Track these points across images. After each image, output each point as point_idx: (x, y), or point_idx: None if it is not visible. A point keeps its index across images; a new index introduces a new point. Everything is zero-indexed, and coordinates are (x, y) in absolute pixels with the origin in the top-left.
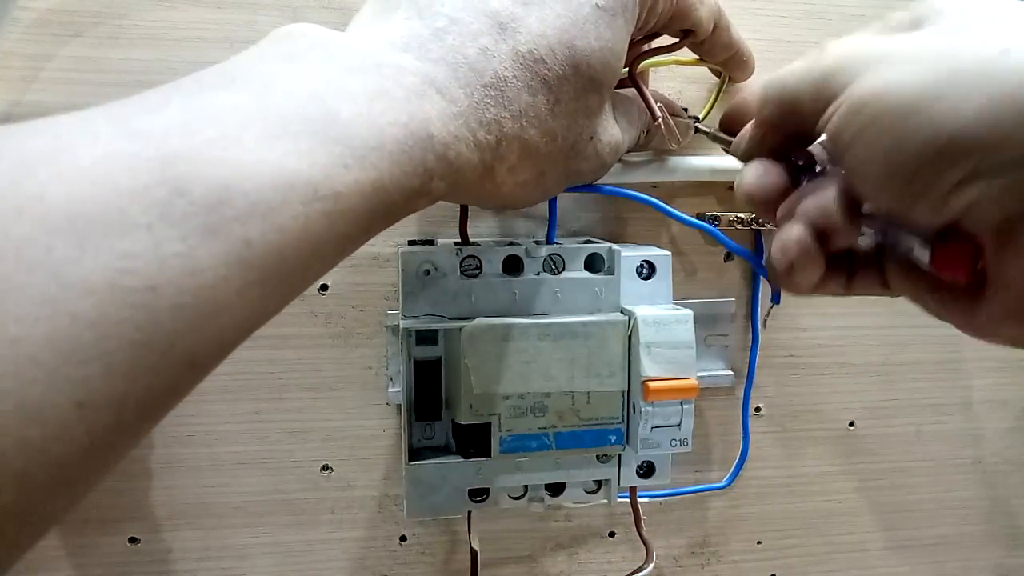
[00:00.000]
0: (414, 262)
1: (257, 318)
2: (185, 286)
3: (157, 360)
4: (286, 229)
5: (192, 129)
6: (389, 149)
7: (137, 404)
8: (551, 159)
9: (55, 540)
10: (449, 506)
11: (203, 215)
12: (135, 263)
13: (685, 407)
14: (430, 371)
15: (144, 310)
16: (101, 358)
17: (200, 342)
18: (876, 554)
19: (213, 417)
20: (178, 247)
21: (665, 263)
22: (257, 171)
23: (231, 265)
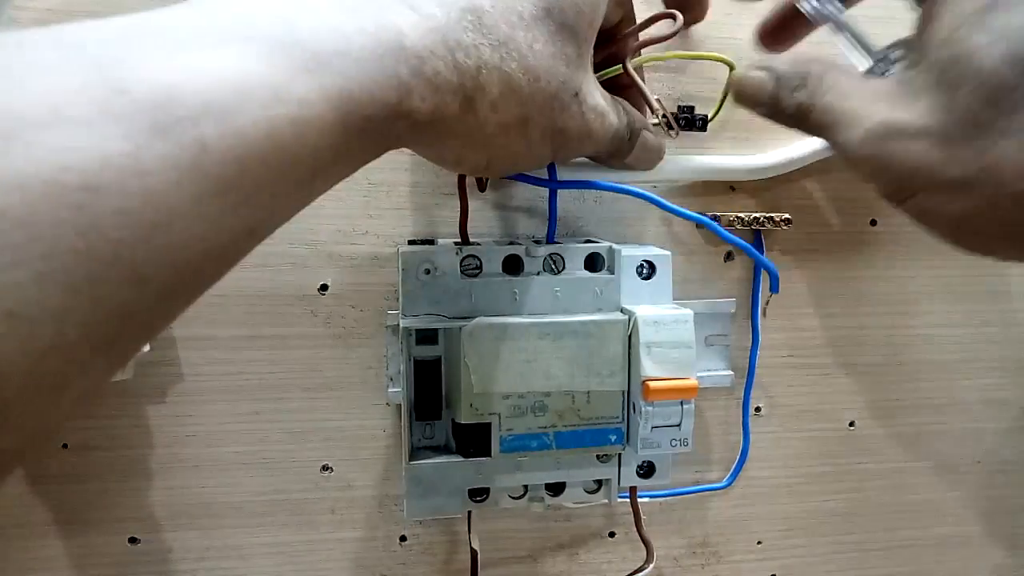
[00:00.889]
0: (414, 262)
1: (219, 238)
2: (131, 188)
3: (100, 271)
4: (246, 134)
5: (132, 37)
6: (356, 56)
7: (80, 322)
8: (534, 102)
9: (55, 540)
10: (449, 506)
11: (149, 112)
12: (72, 158)
13: (685, 407)
14: (430, 371)
15: (84, 212)
16: (33, 262)
17: (150, 255)
18: (876, 554)
19: (213, 417)
20: (122, 145)
21: (665, 263)
22: (208, 71)
23: (184, 169)
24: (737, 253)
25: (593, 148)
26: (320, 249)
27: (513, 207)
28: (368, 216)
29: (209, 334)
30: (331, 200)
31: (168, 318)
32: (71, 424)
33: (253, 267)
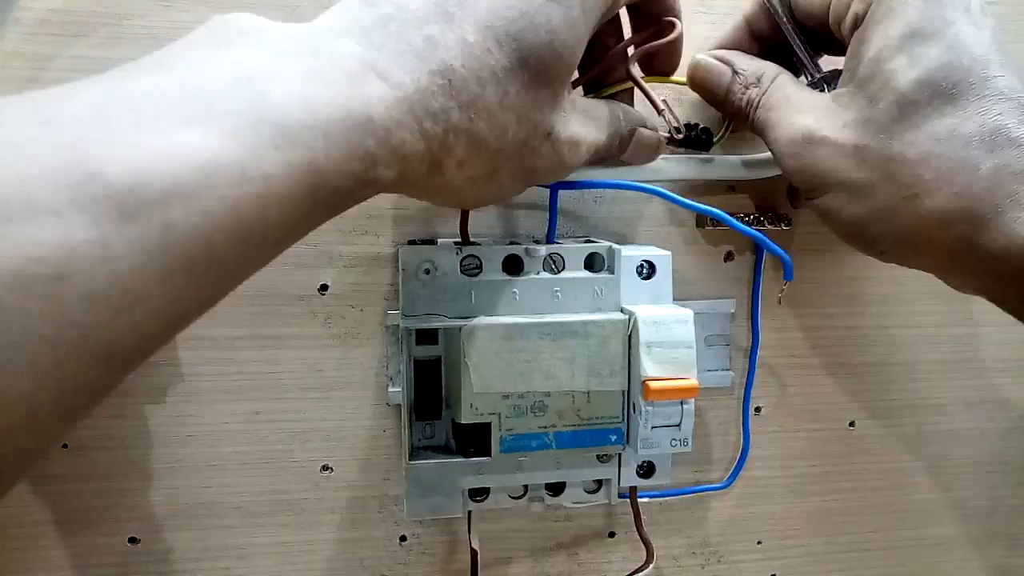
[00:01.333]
0: (414, 262)
1: (184, 309)
2: (96, 273)
3: (67, 353)
4: (212, 213)
5: (106, 114)
6: (324, 130)
7: (49, 401)
8: (504, 155)
9: (55, 540)
10: (449, 506)
11: (117, 198)
12: (42, 251)
13: (685, 407)
14: (430, 371)
15: (51, 301)
16: (3, 350)
17: (116, 335)
18: (876, 554)
19: (213, 417)
20: (89, 232)
21: (665, 263)
22: (177, 152)
23: (150, 252)
24: (737, 253)
25: (568, 172)
26: (320, 249)
27: (513, 207)
28: (368, 216)
29: (209, 334)
30: None
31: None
32: None
33: None
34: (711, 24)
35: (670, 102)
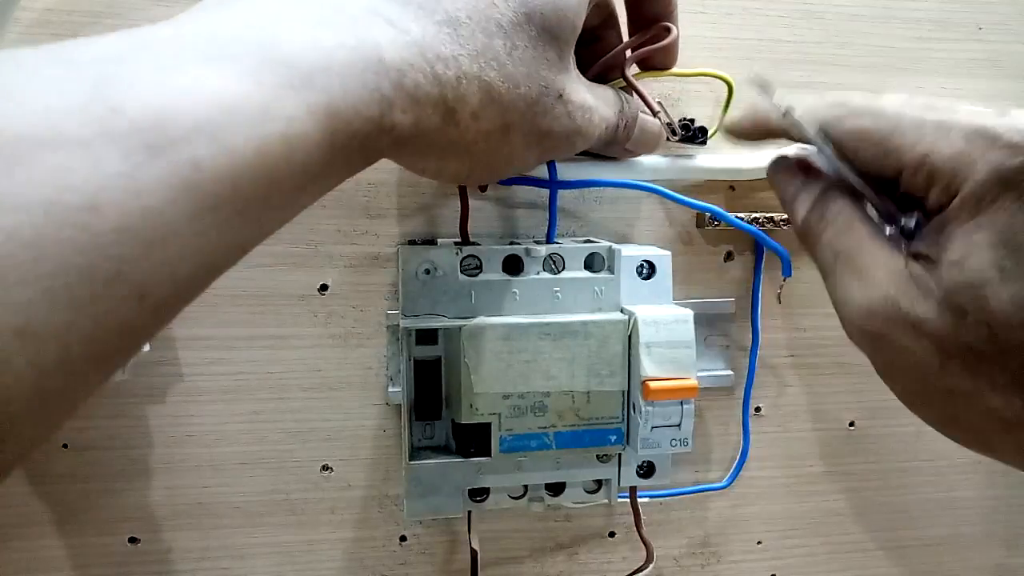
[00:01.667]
0: (414, 261)
1: (213, 251)
2: (129, 208)
3: (102, 289)
4: (237, 152)
5: (125, 56)
6: (338, 71)
7: (84, 338)
8: (516, 109)
9: (55, 540)
10: (449, 506)
11: (144, 133)
12: (73, 179)
13: (685, 407)
14: (430, 371)
15: (85, 231)
16: (40, 281)
17: (149, 272)
18: (876, 554)
19: (213, 417)
20: (120, 166)
21: (665, 263)
22: (199, 91)
23: (178, 188)
24: (737, 253)
25: (583, 144)
26: (320, 249)
27: (513, 207)
28: (368, 216)
29: (209, 334)
30: (331, 200)
31: (160, 327)
32: (71, 424)
33: (253, 267)
34: (711, 24)
35: (669, 100)
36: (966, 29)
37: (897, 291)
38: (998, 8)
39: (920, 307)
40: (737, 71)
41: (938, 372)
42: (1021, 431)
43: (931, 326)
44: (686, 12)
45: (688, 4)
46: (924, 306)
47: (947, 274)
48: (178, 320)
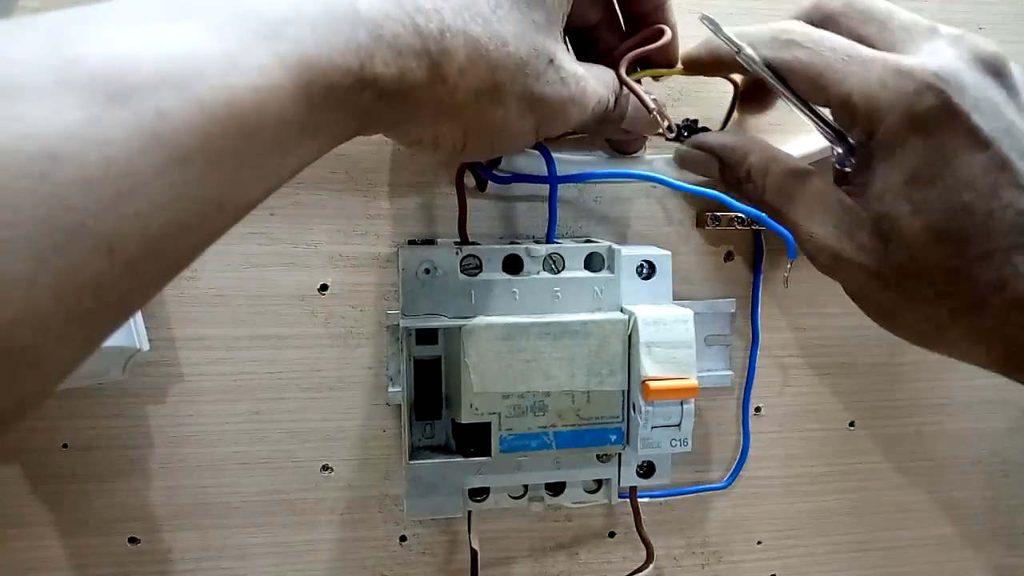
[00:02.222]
0: (414, 261)
1: (186, 207)
2: (91, 158)
3: (65, 240)
4: (205, 102)
5: (88, 16)
6: (309, 21)
7: (51, 293)
8: (505, 68)
9: (55, 540)
10: (449, 506)
11: (104, 81)
12: (29, 127)
13: (685, 407)
14: (430, 370)
15: (44, 180)
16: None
17: (117, 225)
18: (876, 554)
19: (213, 417)
20: (79, 114)
21: (665, 263)
22: (162, 43)
23: (144, 138)
24: (737, 253)
25: (579, 115)
26: (320, 249)
27: (513, 207)
28: (368, 216)
29: (209, 334)
30: (331, 200)
31: (143, 293)
32: (71, 424)
33: (253, 267)
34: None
35: (671, 101)
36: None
37: (838, 226)
38: (998, 8)
39: (855, 238)
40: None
41: (881, 289)
42: (950, 331)
43: (866, 254)
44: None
45: (688, 4)
46: (859, 235)
47: (872, 207)
48: (178, 320)
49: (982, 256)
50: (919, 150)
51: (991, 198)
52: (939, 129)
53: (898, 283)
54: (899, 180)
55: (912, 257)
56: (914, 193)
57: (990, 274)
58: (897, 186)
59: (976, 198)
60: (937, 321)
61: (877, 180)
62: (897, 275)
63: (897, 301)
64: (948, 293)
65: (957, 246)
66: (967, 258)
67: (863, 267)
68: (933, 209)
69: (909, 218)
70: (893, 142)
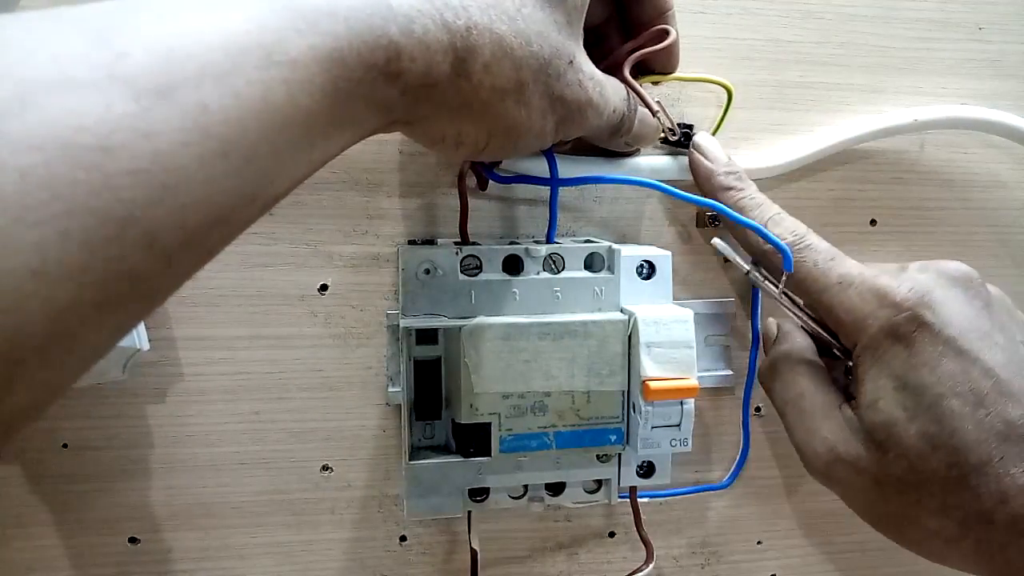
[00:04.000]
0: (414, 261)
1: (223, 200)
2: (141, 150)
3: (115, 232)
4: (243, 96)
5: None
6: (344, 15)
7: (96, 282)
8: (528, 67)
9: (55, 540)
10: (449, 506)
11: (152, 76)
12: (85, 121)
13: (685, 407)
14: (430, 370)
15: (99, 172)
16: (54, 221)
17: (161, 218)
18: (876, 554)
19: (213, 417)
20: (130, 107)
21: (665, 263)
22: (202, 35)
23: (188, 131)
24: None
25: (596, 120)
26: (320, 249)
27: (513, 207)
28: (368, 216)
29: (209, 334)
30: (331, 200)
31: (173, 284)
32: (71, 424)
33: (253, 267)
34: (710, 24)
35: (670, 102)
36: (966, 29)
37: (833, 435)
38: (998, 8)
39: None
40: (737, 71)
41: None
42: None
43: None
44: (686, 12)
45: (688, 4)
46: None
47: (865, 415)
48: (178, 320)
49: (979, 466)
50: (902, 357)
51: (977, 406)
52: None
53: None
54: (888, 385)
55: (911, 467)
56: (906, 399)
57: (991, 485)
58: (888, 392)
59: (962, 405)
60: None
61: (868, 387)
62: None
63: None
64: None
65: (954, 455)
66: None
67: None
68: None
69: (905, 424)
70: (878, 349)
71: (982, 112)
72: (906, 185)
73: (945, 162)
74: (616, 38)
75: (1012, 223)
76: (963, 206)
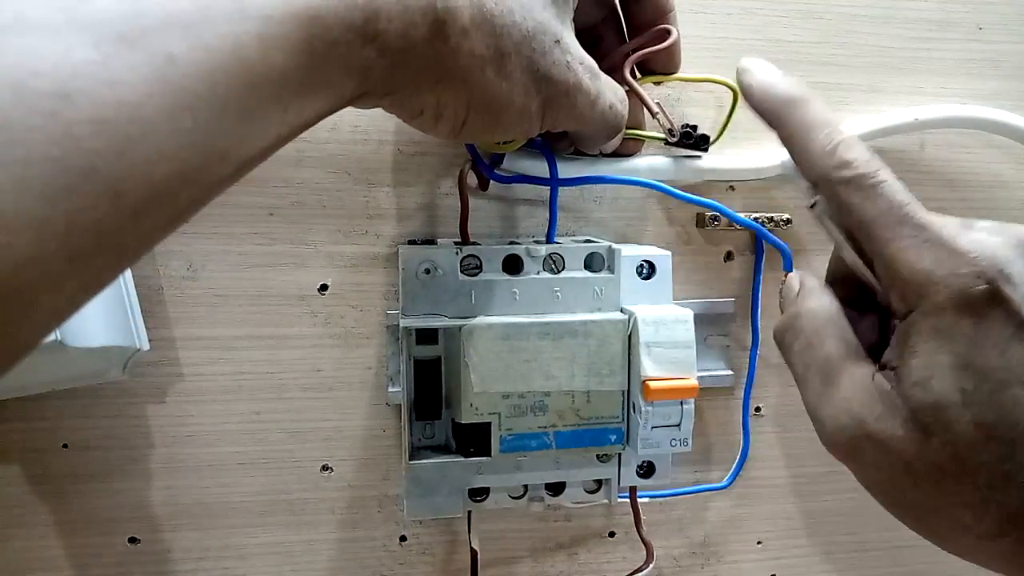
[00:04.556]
0: (414, 261)
1: (190, 156)
2: (103, 98)
3: (77, 182)
4: (212, 49)
5: None
6: None
7: (57, 234)
8: (510, 37)
9: (55, 540)
10: (449, 506)
11: (114, 22)
12: (41, 65)
13: (685, 407)
14: (430, 370)
15: (57, 120)
16: (11, 168)
17: (125, 170)
18: (876, 554)
19: (213, 417)
20: (90, 53)
21: (665, 263)
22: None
23: (153, 81)
24: (737, 253)
25: (587, 108)
26: (320, 249)
27: (513, 207)
28: (368, 216)
29: (209, 334)
30: (331, 200)
31: (143, 242)
32: (71, 424)
33: (253, 267)
34: (711, 24)
35: (671, 102)
36: (966, 29)
37: (863, 408)
38: (998, 8)
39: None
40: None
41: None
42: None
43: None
44: (686, 12)
45: (688, 4)
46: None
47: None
48: (178, 320)
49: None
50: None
51: None
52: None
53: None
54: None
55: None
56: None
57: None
58: (944, 371)
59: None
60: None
61: (920, 362)
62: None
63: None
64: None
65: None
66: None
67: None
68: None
69: (959, 410)
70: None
71: (982, 111)
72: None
73: (946, 162)
74: (613, 39)
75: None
76: (964, 206)
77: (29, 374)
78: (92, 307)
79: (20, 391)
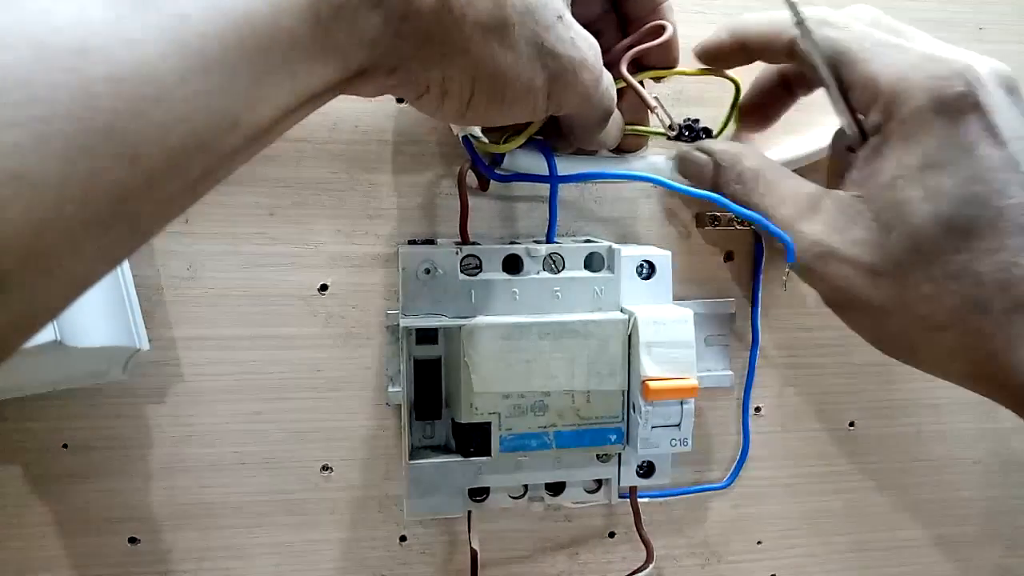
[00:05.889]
0: (414, 261)
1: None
2: (120, 57)
3: (95, 142)
4: (225, 10)
5: None
6: None
7: (76, 195)
8: (513, 7)
9: (55, 540)
10: (449, 506)
11: None
12: (59, 21)
13: (685, 407)
14: (430, 370)
15: (77, 76)
16: (34, 124)
17: (142, 132)
18: (876, 554)
19: (213, 417)
20: (105, 12)
21: (665, 263)
22: None
23: (167, 41)
24: (737, 253)
25: (592, 87)
26: (320, 249)
27: (513, 207)
28: (368, 216)
29: (209, 334)
30: (331, 200)
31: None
32: (71, 424)
33: (253, 267)
34: (711, 24)
35: (673, 98)
36: (966, 29)
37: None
38: (998, 8)
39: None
40: (736, 71)
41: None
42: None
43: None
44: (686, 12)
45: (688, 4)
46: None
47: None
48: (178, 320)
49: (990, 252)
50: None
51: (1003, 195)
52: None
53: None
54: (914, 163)
55: (915, 247)
56: (928, 179)
57: (997, 273)
58: (911, 170)
59: (988, 192)
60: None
61: (889, 165)
62: (895, 268)
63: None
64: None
65: (966, 238)
66: (975, 251)
67: (855, 263)
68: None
69: (920, 204)
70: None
71: None
72: None
73: None
74: (612, 35)
75: None
76: None
77: (29, 374)
78: (92, 307)
79: (20, 391)
